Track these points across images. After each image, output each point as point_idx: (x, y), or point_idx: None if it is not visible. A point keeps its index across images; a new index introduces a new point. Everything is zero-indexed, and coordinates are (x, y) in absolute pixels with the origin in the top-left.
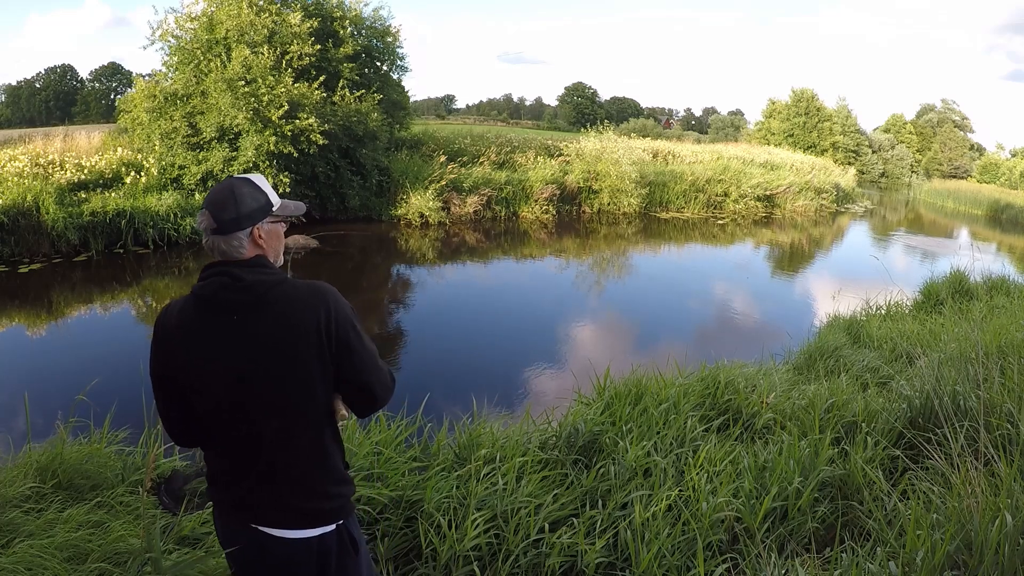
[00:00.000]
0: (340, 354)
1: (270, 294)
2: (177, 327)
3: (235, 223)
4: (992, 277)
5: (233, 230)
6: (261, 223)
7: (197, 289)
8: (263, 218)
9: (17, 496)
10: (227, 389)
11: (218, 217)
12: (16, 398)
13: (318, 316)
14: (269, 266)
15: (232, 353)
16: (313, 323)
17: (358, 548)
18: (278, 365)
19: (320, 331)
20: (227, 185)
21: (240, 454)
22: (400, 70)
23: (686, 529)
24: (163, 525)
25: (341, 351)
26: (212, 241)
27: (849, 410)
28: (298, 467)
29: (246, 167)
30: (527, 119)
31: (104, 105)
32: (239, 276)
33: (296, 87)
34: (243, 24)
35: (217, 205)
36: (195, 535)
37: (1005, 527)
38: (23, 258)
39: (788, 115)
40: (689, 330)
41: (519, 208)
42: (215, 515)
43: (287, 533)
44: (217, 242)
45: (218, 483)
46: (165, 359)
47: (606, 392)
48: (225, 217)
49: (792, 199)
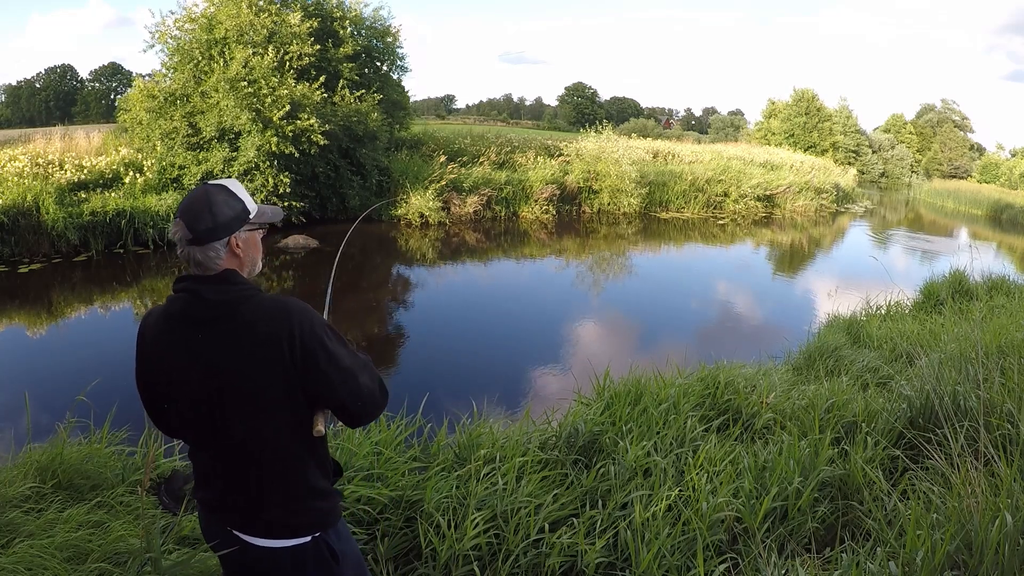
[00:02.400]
0: (307, 372)
1: (236, 311)
2: (152, 338)
3: (211, 233)
4: (992, 277)
5: (209, 240)
6: (238, 232)
7: (167, 303)
8: (240, 227)
9: (17, 496)
10: (194, 403)
11: (193, 227)
12: (16, 398)
13: (282, 333)
14: (238, 281)
15: (198, 369)
16: (277, 340)
17: (338, 559)
18: (243, 382)
19: (284, 348)
20: (201, 192)
21: (214, 461)
22: (400, 70)
23: (686, 529)
24: (163, 525)
25: (308, 369)
26: (187, 252)
27: (849, 410)
28: (267, 481)
29: (247, 167)
30: (527, 119)
31: (104, 105)
32: (203, 294)
33: (298, 87)
34: (242, 24)
35: (191, 214)
36: (195, 535)
37: (1005, 527)
38: (23, 258)
39: (789, 115)
40: (689, 330)
41: (519, 208)
42: (199, 512)
43: (259, 541)
44: (192, 252)
45: (199, 482)
46: (143, 366)
47: (606, 392)
48: (200, 227)
49: (792, 199)
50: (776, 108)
